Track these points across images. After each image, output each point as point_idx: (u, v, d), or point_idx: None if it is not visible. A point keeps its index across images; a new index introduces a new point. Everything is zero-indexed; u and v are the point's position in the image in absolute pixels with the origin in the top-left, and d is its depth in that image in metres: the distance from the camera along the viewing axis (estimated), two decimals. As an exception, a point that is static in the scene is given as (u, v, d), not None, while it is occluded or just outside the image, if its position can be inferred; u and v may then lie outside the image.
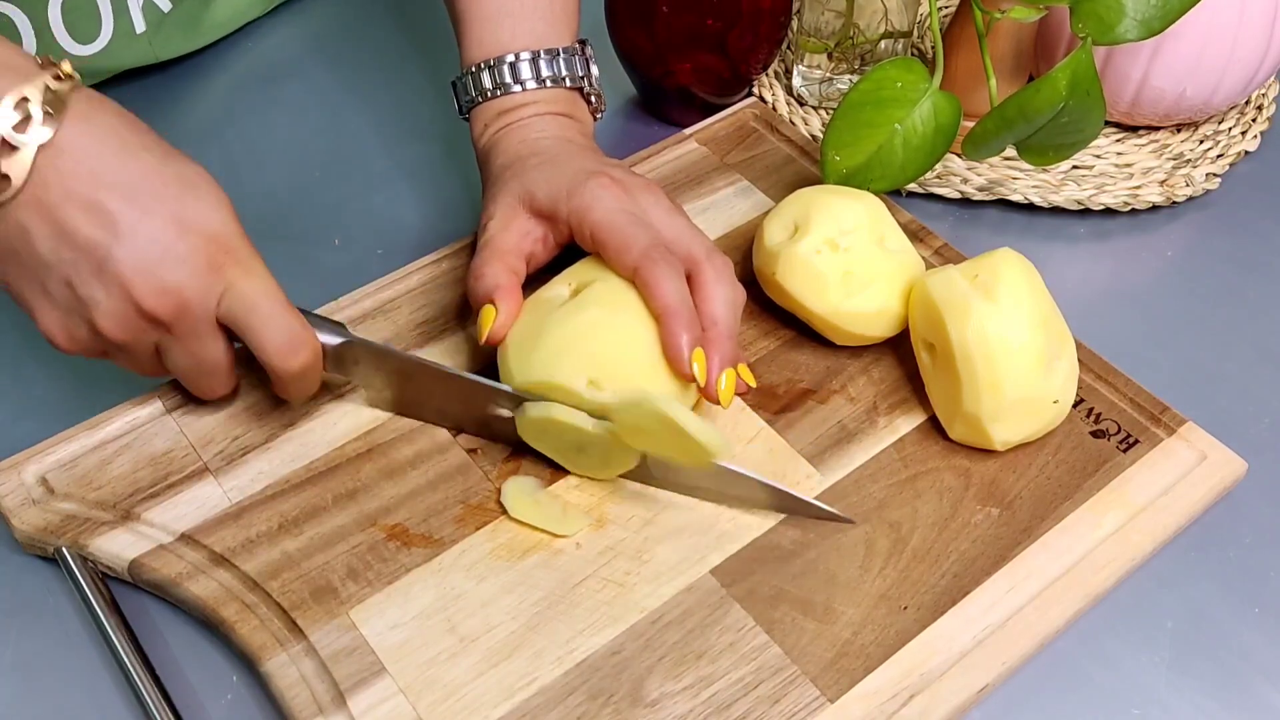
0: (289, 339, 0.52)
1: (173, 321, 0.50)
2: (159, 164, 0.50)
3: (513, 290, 0.56)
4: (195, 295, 0.50)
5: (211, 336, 0.52)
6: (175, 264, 0.49)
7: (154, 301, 0.49)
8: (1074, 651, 0.53)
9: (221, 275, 0.50)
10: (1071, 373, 0.56)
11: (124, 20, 0.74)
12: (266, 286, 0.51)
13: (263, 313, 0.51)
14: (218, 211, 0.51)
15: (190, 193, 0.50)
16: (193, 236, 0.49)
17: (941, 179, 0.72)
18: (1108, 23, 0.61)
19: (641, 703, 0.49)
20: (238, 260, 0.51)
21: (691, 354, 0.53)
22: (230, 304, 0.51)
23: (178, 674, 0.51)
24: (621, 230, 0.55)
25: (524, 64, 0.62)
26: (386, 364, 0.56)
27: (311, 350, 0.53)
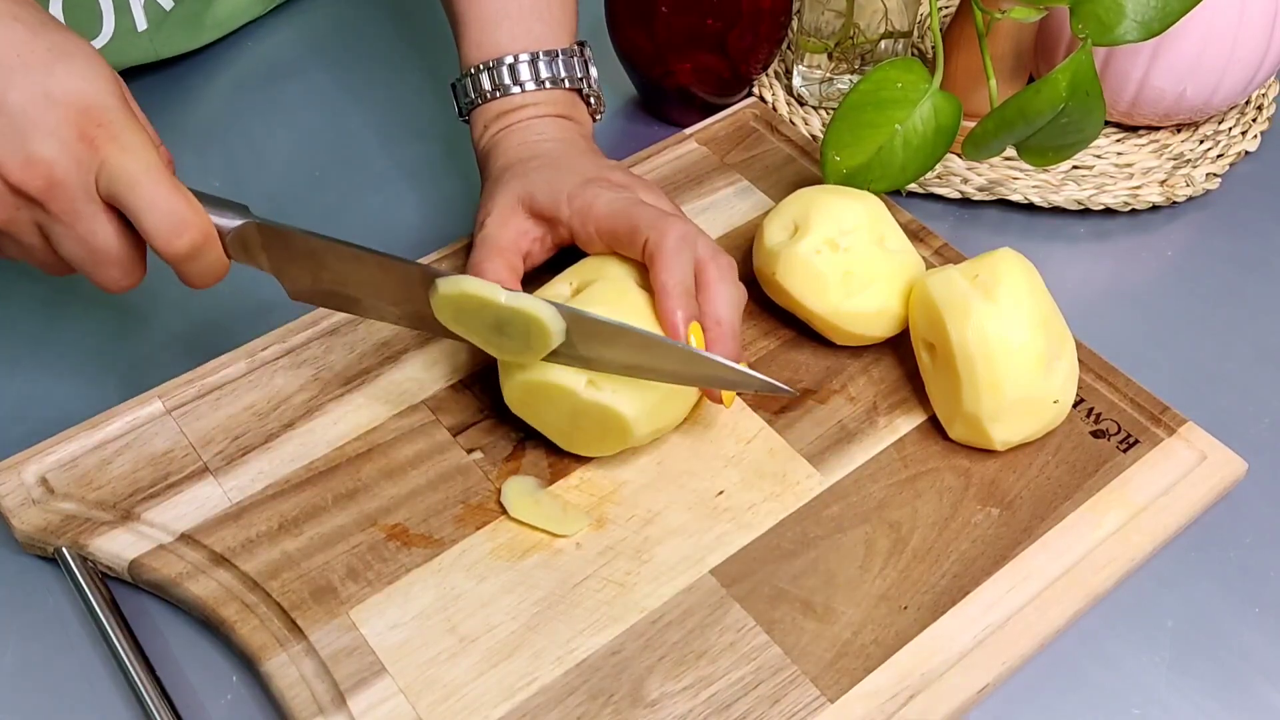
0: (172, 220, 0.48)
1: (46, 198, 0.47)
2: (29, 35, 0.47)
3: (514, 287, 0.56)
4: (66, 169, 0.47)
5: (94, 217, 0.49)
6: (42, 136, 0.47)
7: (21, 174, 0.47)
8: (1074, 651, 0.53)
9: (95, 149, 0.47)
10: (1071, 373, 0.56)
11: (125, 18, 0.74)
12: (146, 161, 0.48)
13: (142, 190, 0.48)
14: (91, 83, 0.48)
15: (61, 63, 0.47)
16: (61, 108, 0.47)
17: (941, 179, 0.72)
18: (1108, 24, 0.61)
19: (641, 703, 0.49)
20: (113, 135, 0.48)
21: (688, 329, 0.53)
22: (108, 182, 0.48)
23: (178, 674, 0.51)
24: (627, 213, 0.55)
25: (523, 65, 0.62)
26: (292, 246, 0.53)
27: (199, 231, 0.49)
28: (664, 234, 0.53)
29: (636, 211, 0.55)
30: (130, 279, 0.51)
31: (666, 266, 0.53)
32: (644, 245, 0.54)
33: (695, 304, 0.54)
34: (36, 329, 0.64)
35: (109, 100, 0.48)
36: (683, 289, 0.53)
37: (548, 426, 0.56)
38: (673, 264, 0.53)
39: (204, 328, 0.64)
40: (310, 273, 0.54)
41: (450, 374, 0.60)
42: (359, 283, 0.54)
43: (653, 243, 0.54)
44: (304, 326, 0.61)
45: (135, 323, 0.65)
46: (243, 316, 0.64)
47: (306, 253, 0.53)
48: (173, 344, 0.64)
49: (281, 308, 0.62)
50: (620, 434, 0.54)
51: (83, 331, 0.64)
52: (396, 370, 0.60)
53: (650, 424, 0.54)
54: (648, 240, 0.54)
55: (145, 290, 0.66)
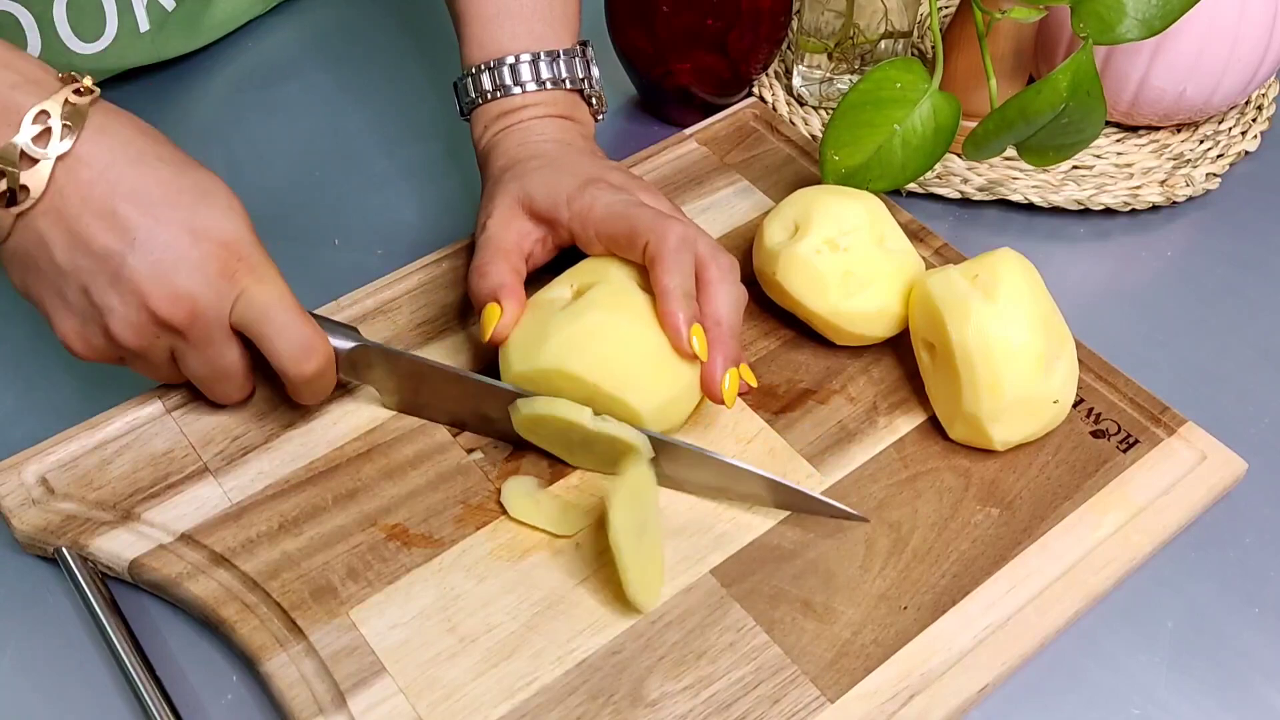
0: (302, 346, 0.52)
1: (187, 328, 0.51)
2: (174, 174, 0.51)
3: (516, 289, 0.56)
4: (209, 302, 0.51)
5: (226, 343, 0.53)
6: (189, 271, 0.50)
7: (168, 308, 0.50)
8: (1074, 651, 0.53)
9: (235, 282, 0.51)
10: (1071, 373, 0.56)
11: (128, 19, 0.74)
12: (280, 293, 0.52)
13: (276, 320, 0.52)
14: (230, 220, 0.51)
15: (204, 201, 0.51)
16: (206, 244, 0.50)
17: (941, 179, 0.72)
18: (1108, 22, 0.61)
19: (641, 703, 0.49)
20: (251, 267, 0.51)
21: (690, 330, 0.53)
22: (244, 310, 0.52)
23: (178, 674, 0.51)
24: (626, 216, 0.55)
25: (524, 66, 0.62)
26: (398, 367, 0.56)
27: (324, 356, 0.53)
28: (663, 236, 0.53)
29: (636, 214, 0.55)
30: (243, 394, 0.56)
31: (666, 269, 0.53)
32: (644, 248, 0.54)
33: (695, 306, 0.54)
34: (36, 329, 0.64)
35: (246, 234, 0.52)
36: (683, 291, 0.53)
37: (554, 447, 0.56)
38: (672, 266, 0.53)
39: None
40: (408, 389, 0.57)
41: (450, 374, 0.60)
42: (454, 400, 0.57)
43: (653, 245, 0.54)
44: (304, 326, 0.61)
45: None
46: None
47: (410, 374, 0.57)
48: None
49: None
50: (630, 456, 0.54)
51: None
52: (396, 370, 0.60)
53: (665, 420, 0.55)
54: (648, 243, 0.54)
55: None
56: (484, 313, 0.56)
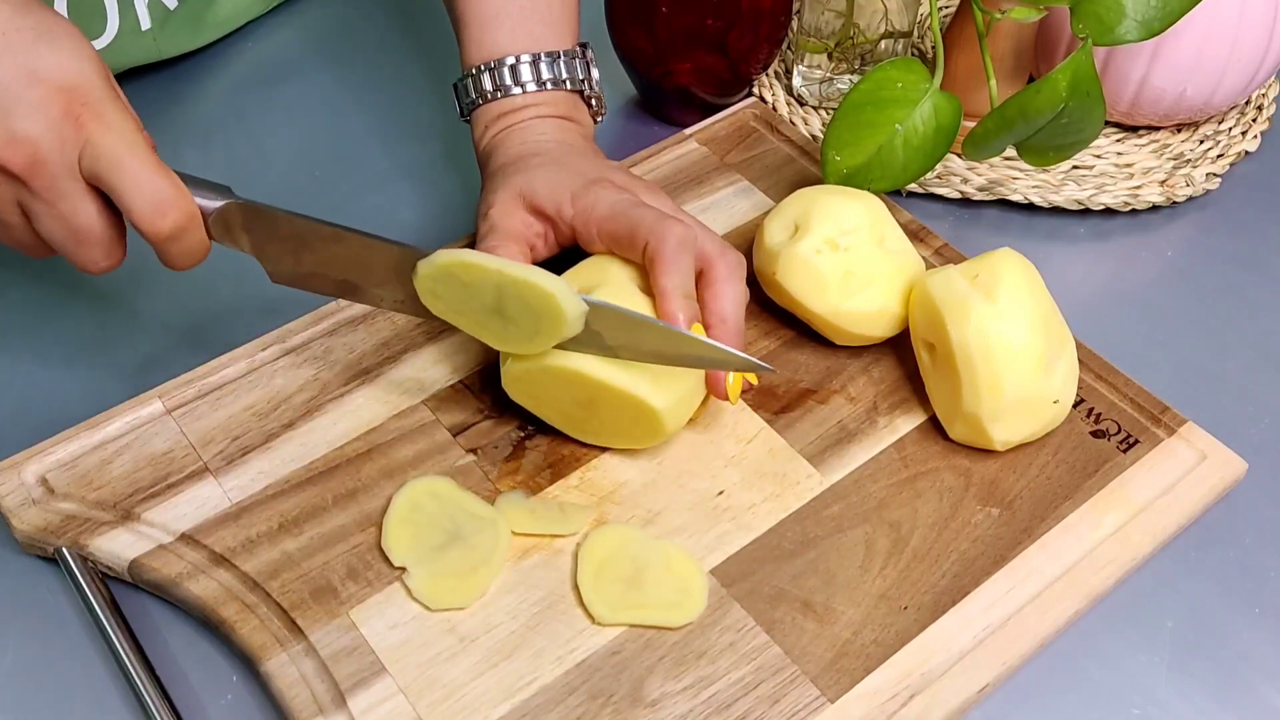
0: (156, 199, 0.48)
1: (28, 175, 0.48)
2: (12, 13, 0.47)
3: None
4: (49, 147, 0.47)
5: (78, 197, 0.49)
6: (26, 113, 0.47)
7: (4, 151, 0.47)
8: (1074, 651, 0.53)
9: (80, 127, 0.48)
10: (1071, 373, 0.56)
11: (129, 17, 0.74)
12: (131, 141, 0.48)
13: (125, 170, 0.48)
14: (76, 61, 0.48)
15: (45, 42, 0.47)
16: (46, 86, 0.47)
17: (941, 179, 0.72)
18: (1108, 23, 0.61)
19: (642, 703, 0.49)
20: (98, 113, 0.48)
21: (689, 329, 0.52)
22: (92, 160, 0.48)
23: (178, 674, 0.51)
24: (628, 215, 0.55)
25: (524, 66, 0.62)
26: (275, 228, 0.52)
27: (182, 212, 0.49)
28: (664, 237, 0.53)
29: (637, 214, 0.55)
30: (110, 259, 0.51)
31: (666, 269, 0.53)
32: (644, 248, 0.54)
33: (696, 306, 0.54)
34: (36, 329, 0.64)
35: (94, 80, 0.48)
36: (682, 292, 0.53)
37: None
38: (672, 267, 0.53)
39: (204, 328, 0.65)
40: (293, 254, 0.53)
41: (450, 374, 0.60)
42: (342, 264, 0.53)
43: (653, 245, 0.54)
44: (304, 327, 0.61)
45: (136, 323, 0.65)
46: (243, 316, 0.64)
47: (289, 233, 0.53)
48: (173, 344, 0.64)
49: (281, 308, 0.62)
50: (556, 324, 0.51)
51: (83, 331, 0.64)
52: (396, 370, 0.60)
53: (678, 418, 0.54)
54: (648, 243, 0.54)
55: (145, 290, 0.66)
56: None
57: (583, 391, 0.53)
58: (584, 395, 0.53)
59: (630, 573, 0.52)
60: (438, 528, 0.53)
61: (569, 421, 0.56)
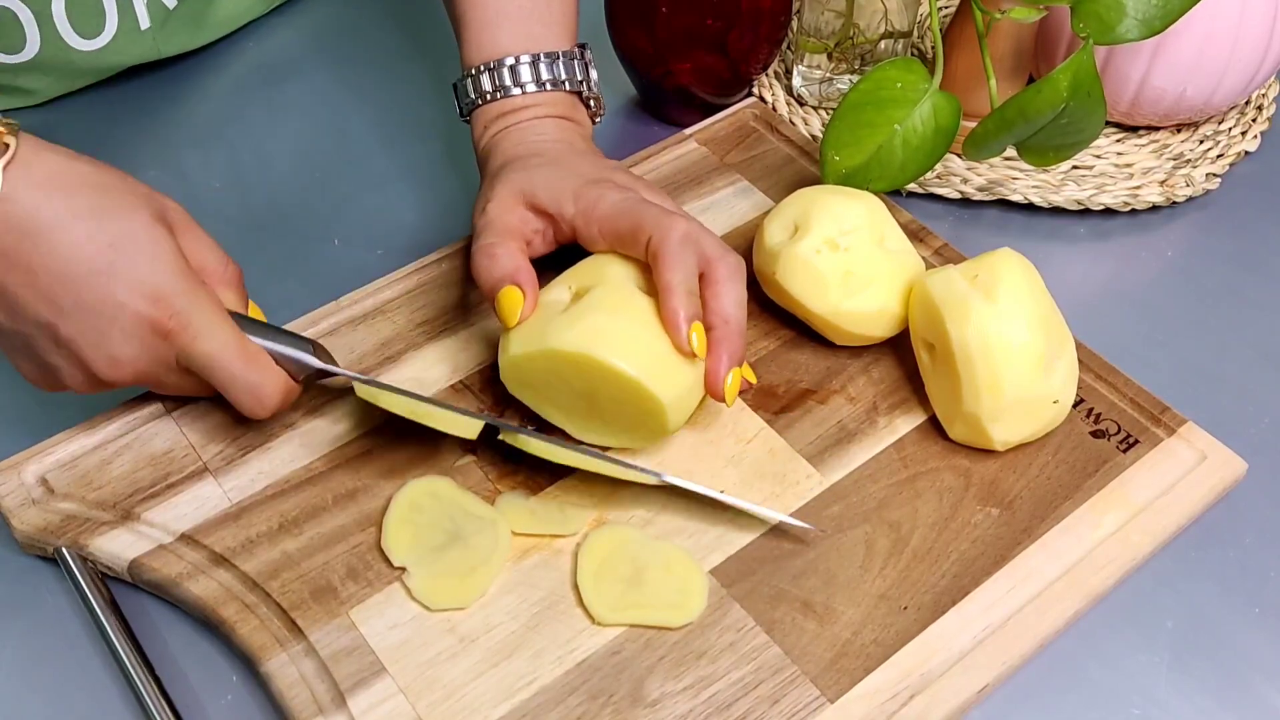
0: (252, 392, 0.52)
1: (140, 382, 0.52)
2: (88, 236, 0.49)
3: (531, 271, 0.55)
4: (148, 363, 0.52)
5: (186, 381, 0.53)
6: (121, 339, 0.50)
7: (111, 373, 0.51)
8: (1074, 651, 0.53)
9: (171, 341, 0.51)
10: (1071, 373, 0.56)
11: (129, 16, 0.74)
12: (217, 346, 0.51)
13: (220, 373, 0.52)
14: (155, 271, 0.50)
15: (122, 259, 0.50)
16: (130, 310, 0.50)
17: (941, 179, 0.72)
18: (1108, 23, 0.61)
19: (642, 703, 0.49)
20: (184, 323, 0.51)
21: (690, 328, 0.53)
22: (187, 364, 0.52)
23: (178, 674, 0.51)
24: (631, 212, 0.55)
25: (524, 67, 0.62)
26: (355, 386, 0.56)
27: (278, 394, 0.53)
28: (667, 232, 0.53)
29: (640, 210, 0.55)
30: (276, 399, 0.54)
31: (669, 265, 0.53)
32: (647, 243, 0.54)
33: (698, 303, 0.54)
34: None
35: (174, 283, 0.51)
36: (685, 288, 0.53)
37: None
38: (676, 263, 0.53)
39: (204, 328, 0.64)
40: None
41: (450, 374, 0.60)
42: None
43: (656, 241, 0.53)
44: (304, 327, 0.61)
45: (135, 323, 0.65)
46: (243, 316, 0.64)
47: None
48: (173, 344, 0.64)
49: (281, 310, 0.62)
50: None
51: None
52: (396, 370, 0.60)
53: (680, 414, 0.54)
54: (651, 239, 0.54)
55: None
56: (503, 296, 0.54)
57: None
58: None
59: (630, 573, 0.52)
60: (438, 528, 0.53)
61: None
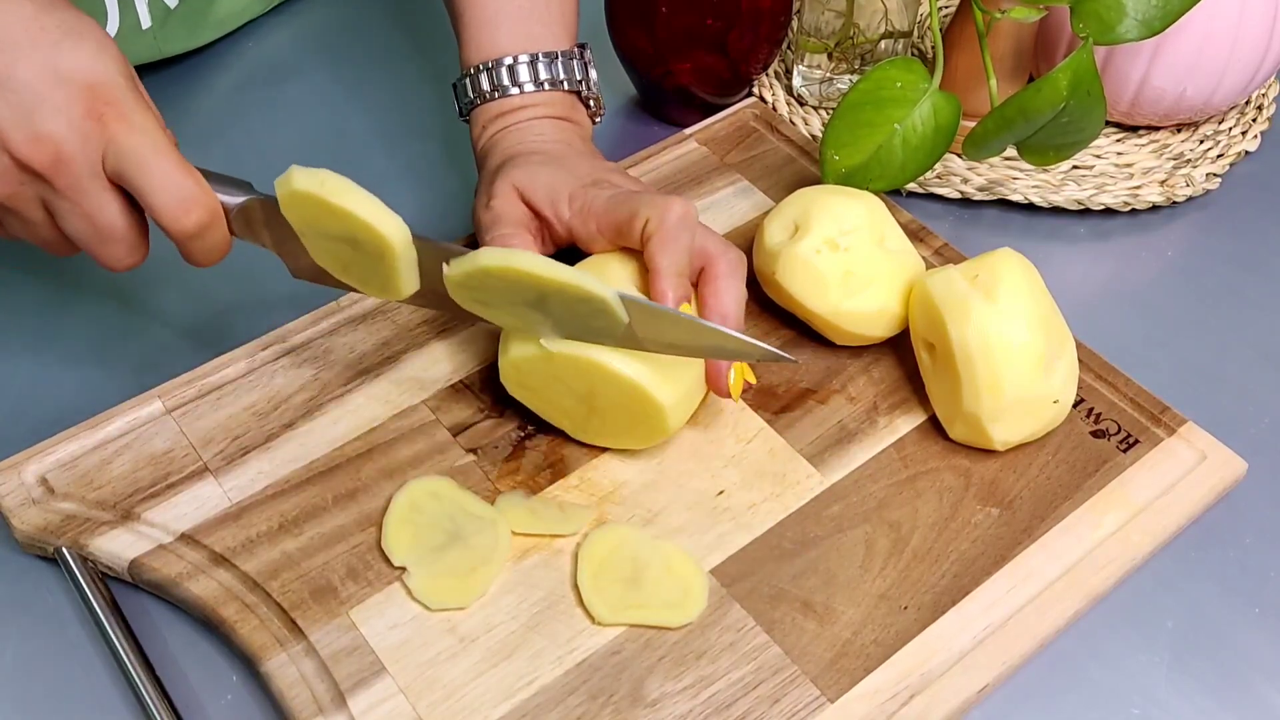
0: (180, 197, 0.49)
1: (52, 174, 0.48)
2: (38, 10, 0.48)
3: None
4: (73, 145, 0.47)
5: (102, 194, 0.49)
6: (50, 113, 0.47)
7: (28, 150, 0.47)
8: (1074, 651, 0.53)
9: (104, 126, 0.48)
10: (1071, 373, 0.56)
11: (130, 15, 0.74)
12: (154, 140, 0.48)
13: (150, 169, 0.48)
14: (100, 60, 0.48)
15: (70, 40, 0.48)
16: (69, 85, 0.47)
17: (941, 179, 0.72)
18: (1108, 22, 0.61)
19: (642, 703, 0.49)
20: (122, 113, 0.48)
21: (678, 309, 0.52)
22: (115, 159, 0.48)
23: (178, 674, 0.51)
24: (627, 200, 0.55)
25: (522, 67, 0.62)
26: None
27: (205, 209, 0.49)
28: (664, 214, 0.53)
29: (636, 197, 0.55)
30: (134, 257, 0.51)
31: (663, 247, 0.53)
32: (644, 226, 0.54)
33: (688, 286, 0.54)
34: (36, 329, 0.64)
35: (118, 79, 0.48)
36: (676, 270, 0.53)
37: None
38: (670, 244, 0.53)
39: (204, 328, 0.65)
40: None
41: (450, 374, 0.60)
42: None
43: (653, 223, 0.53)
44: (304, 326, 0.61)
45: (136, 323, 0.65)
46: (244, 316, 0.64)
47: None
48: (173, 344, 0.64)
49: (282, 307, 0.62)
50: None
51: (83, 331, 0.64)
52: (396, 370, 0.60)
53: (681, 415, 0.54)
54: (648, 222, 0.53)
55: (145, 290, 0.66)
56: None
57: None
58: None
59: (630, 573, 0.52)
60: (438, 528, 0.53)
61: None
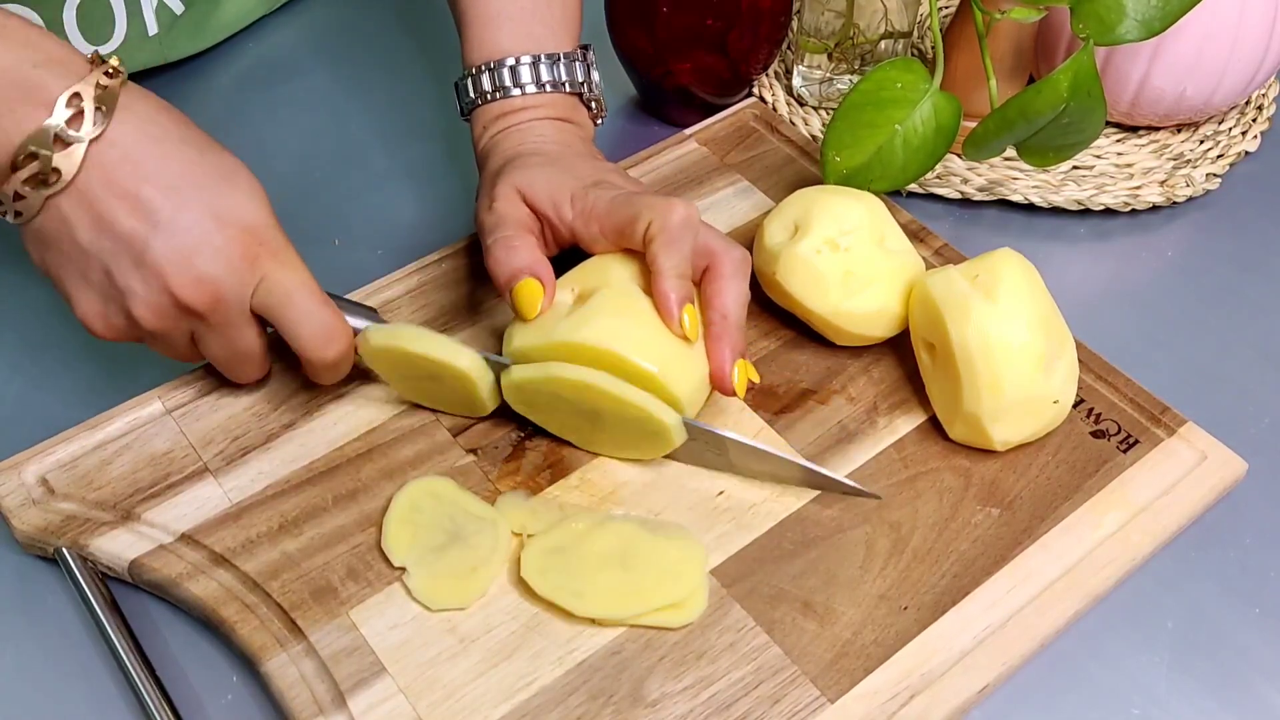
0: (324, 332, 0.52)
1: (208, 312, 0.51)
2: (197, 156, 0.51)
3: (549, 265, 0.56)
4: (230, 286, 0.51)
5: (247, 325, 0.53)
6: (211, 255, 0.50)
7: (190, 292, 0.50)
8: (1074, 651, 0.53)
9: (256, 267, 0.51)
10: (1071, 373, 0.56)
11: (137, 22, 0.74)
12: (301, 279, 0.52)
13: (298, 306, 0.52)
14: (253, 203, 0.52)
15: (227, 184, 0.51)
16: (229, 228, 0.50)
17: (941, 179, 0.72)
18: (1108, 23, 0.61)
19: (642, 703, 0.49)
20: (273, 252, 0.52)
21: (681, 310, 0.53)
22: (265, 296, 0.52)
23: (178, 674, 0.51)
24: (629, 202, 0.55)
25: (524, 68, 0.62)
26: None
27: (345, 341, 0.53)
28: (667, 216, 0.53)
29: (640, 200, 0.55)
30: (260, 374, 0.57)
31: (665, 249, 0.53)
32: (646, 228, 0.54)
33: (691, 287, 0.54)
34: (37, 330, 0.64)
35: (267, 219, 0.52)
36: (678, 272, 0.53)
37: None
38: (672, 247, 0.53)
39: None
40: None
41: (450, 374, 0.60)
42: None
43: (655, 225, 0.53)
44: (304, 326, 0.61)
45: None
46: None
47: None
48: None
49: (282, 308, 0.62)
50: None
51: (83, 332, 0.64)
52: (396, 370, 0.60)
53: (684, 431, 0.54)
54: (651, 223, 0.53)
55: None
56: (522, 288, 0.54)
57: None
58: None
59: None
60: (437, 528, 0.53)
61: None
